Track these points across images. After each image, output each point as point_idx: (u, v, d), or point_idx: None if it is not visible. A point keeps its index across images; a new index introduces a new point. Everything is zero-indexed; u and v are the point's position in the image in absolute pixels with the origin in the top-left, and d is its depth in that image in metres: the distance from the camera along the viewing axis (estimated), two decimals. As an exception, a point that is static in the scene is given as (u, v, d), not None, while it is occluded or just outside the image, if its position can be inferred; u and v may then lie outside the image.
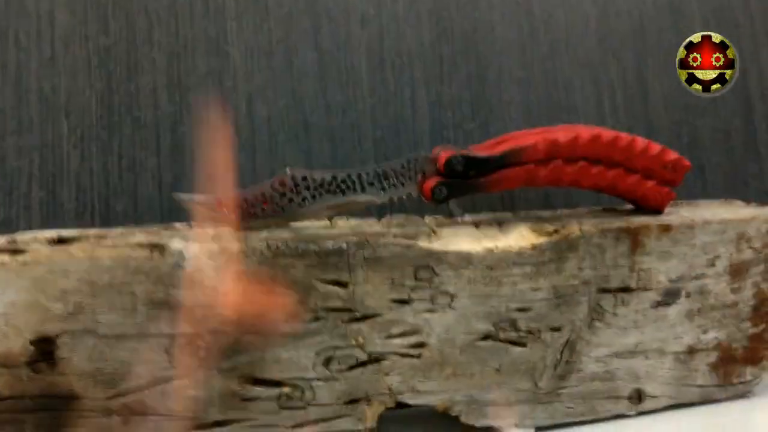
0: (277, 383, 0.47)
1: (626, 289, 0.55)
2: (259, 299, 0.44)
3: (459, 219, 0.55)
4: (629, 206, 0.60)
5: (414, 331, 0.49)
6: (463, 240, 0.51)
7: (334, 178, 0.49)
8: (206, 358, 0.45)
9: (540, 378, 0.53)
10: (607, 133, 0.54)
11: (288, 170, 0.47)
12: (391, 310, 0.49)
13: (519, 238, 0.52)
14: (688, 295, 0.56)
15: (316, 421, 0.48)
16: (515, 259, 0.51)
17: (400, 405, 0.51)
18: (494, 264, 0.50)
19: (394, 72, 0.62)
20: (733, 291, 0.58)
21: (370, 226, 0.52)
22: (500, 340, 0.52)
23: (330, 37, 0.60)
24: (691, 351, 0.57)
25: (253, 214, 0.47)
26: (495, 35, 0.65)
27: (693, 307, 0.57)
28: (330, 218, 0.53)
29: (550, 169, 0.53)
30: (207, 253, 0.44)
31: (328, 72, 0.60)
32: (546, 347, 0.53)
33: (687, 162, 0.57)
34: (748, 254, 0.58)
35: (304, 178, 0.48)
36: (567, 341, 0.53)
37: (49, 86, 0.53)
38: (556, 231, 0.52)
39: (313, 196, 0.48)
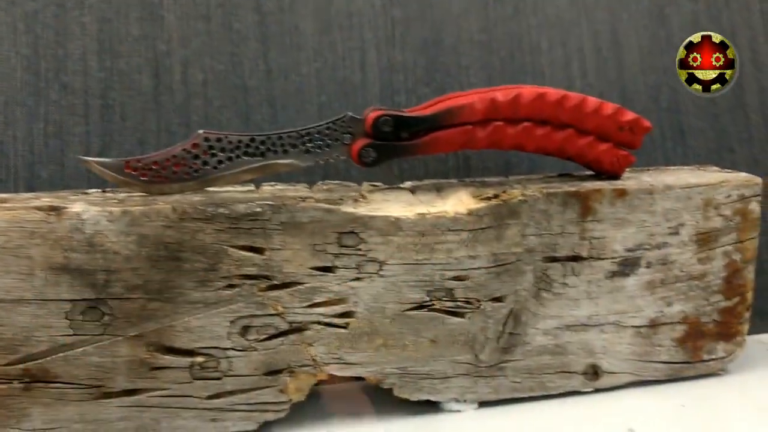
0: (189, 352, 0.45)
1: (576, 258, 0.51)
2: None
3: (395, 184, 0.53)
4: (589, 172, 0.56)
5: (339, 300, 0.47)
6: (393, 205, 0.49)
7: (252, 140, 0.46)
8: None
9: (481, 350, 0.50)
10: (553, 92, 0.51)
11: (201, 131, 0.45)
12: (314, 277, 0.47)
13: (456, 203, 0.50)
14: (648, 265, 0.53)
15: (233, 392, 0.46)
16: (450, 225, 0.48)
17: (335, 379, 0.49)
18: (426, 230, 0.48)
19: (342, 35, 0.59)
20: (701, 261, 0.54)
21: (296, 191, 0.50)
22: (435, 310, 0.49)
23: (273, -2, 0.58)
24: (654, 325, 0.54)
25: (164, 177, 0.45)
26: (453, -4, 0.62)
27: (655, 278, 0.53)
28: (257, 184, 0.51)
29: (490, 131, 0.50)
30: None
31: (269, 35, 0.57)
32: (486, 318, 0.50)
33: (646, 123, 0.54)
34: (716, 222, 0.54)
35: (219, 140, 0.46)
36: (510, 312, 0.50)
37: (-28, 52, 0.53)
38: (495, 196, 0.50)
39: (230, 159, 0.46)
